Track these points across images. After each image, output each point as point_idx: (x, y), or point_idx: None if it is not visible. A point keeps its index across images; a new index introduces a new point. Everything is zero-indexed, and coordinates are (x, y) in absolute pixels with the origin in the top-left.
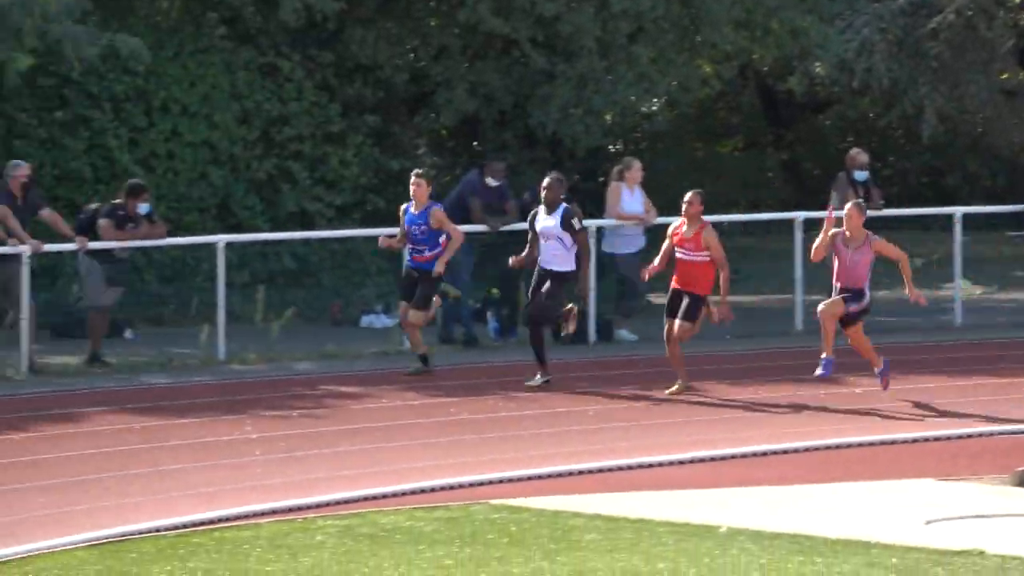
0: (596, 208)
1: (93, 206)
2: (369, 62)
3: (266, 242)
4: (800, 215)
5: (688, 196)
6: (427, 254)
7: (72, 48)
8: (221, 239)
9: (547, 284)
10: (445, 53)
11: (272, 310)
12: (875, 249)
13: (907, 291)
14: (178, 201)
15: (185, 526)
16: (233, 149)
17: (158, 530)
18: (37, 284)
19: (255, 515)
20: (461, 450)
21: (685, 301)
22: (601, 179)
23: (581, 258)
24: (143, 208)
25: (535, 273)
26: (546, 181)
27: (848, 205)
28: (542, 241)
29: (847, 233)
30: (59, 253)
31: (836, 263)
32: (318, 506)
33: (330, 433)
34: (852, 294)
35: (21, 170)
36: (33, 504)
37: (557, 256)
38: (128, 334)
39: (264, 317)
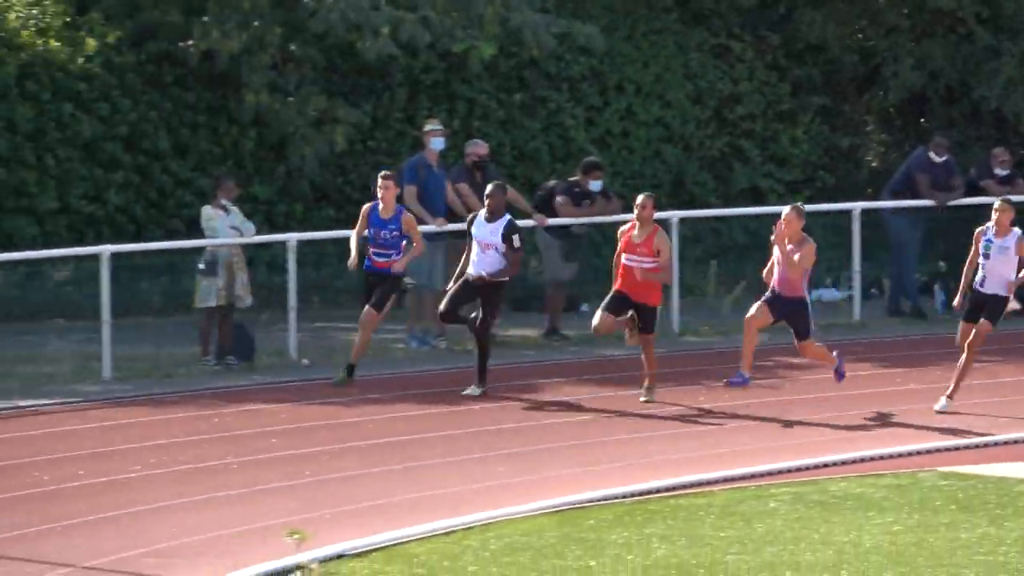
0: None
1: (550, 184)
2: (818, 42)
3: (718, 217)
4: None
5: (640, 199)
6: (393, 258)
7: (531, 36)
8: (674, 215)
9: (487, 297)
10: (893, 32)
11: (724, 283)
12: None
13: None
14: (632, 178)
15: (641, 494)
16: (686, 128)
17: (615, 497)
18: None
19: (709, 483)
20: (908, 418)
21: (641, 317)
22: None
23: (506, 271)
24: (595, 185)
25: (464, 278)
26: (489, 189)
27: (786, 210)
28: (477, 248)
29: (787, 237)
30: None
31: (776, 267)
32: (770, 474)
33: (782, 402)
34: (793, 305)
35: (476, 148)
36: (495, 472)
37: (495, 266)
38: (584, 308)
39: (716, 290)
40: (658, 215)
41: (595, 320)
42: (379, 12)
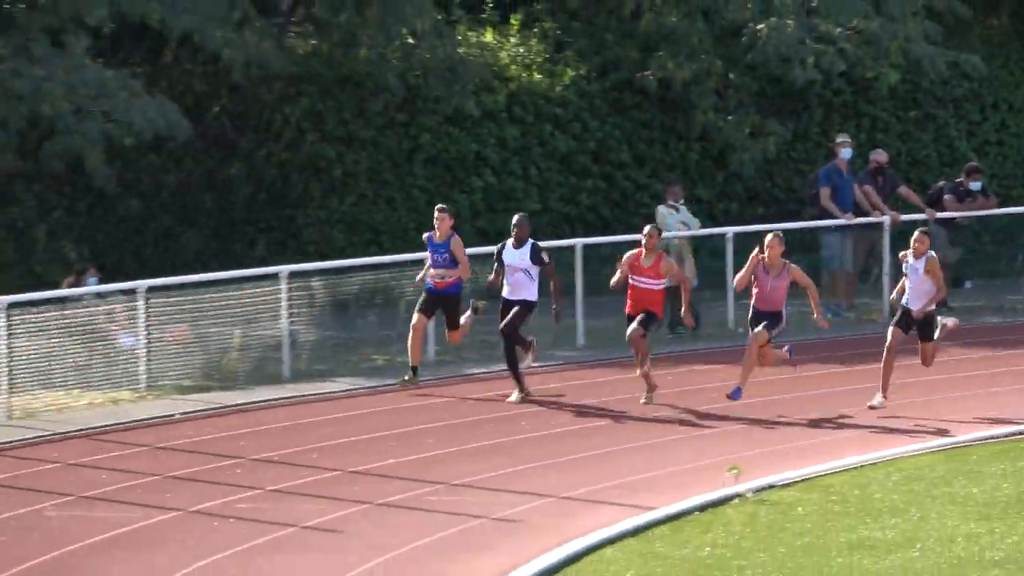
0: None
1: (939, 184)
2: None
3: None
4: None
5: (647, 229)
6: (446, 279)
7: (928, 64)
8: None
9: (515, 309)
10: None
11: None
12: (792, 276)
13: (815, 315)
14: (1006, 179)
15: (1017, 434)
16: None
17: (995, 437)
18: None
19: None
20: None
21: (641, 315)
22: None
23: (553, 285)
24: (976, 185)
25: (501, 302)
26: (516, 219)
27: (769, 236)
28: (508, 273)
29: (767, 261)
30: (913, 222)
31: (756, 289)
32: None
33: None
34: (771, 318)
35: (877, 156)
36: (894, 419)
37: (524, 286)
38: (968, 284)
39: None
40: (1021, 209)
41: (628, 331)
42: (805, 46)
